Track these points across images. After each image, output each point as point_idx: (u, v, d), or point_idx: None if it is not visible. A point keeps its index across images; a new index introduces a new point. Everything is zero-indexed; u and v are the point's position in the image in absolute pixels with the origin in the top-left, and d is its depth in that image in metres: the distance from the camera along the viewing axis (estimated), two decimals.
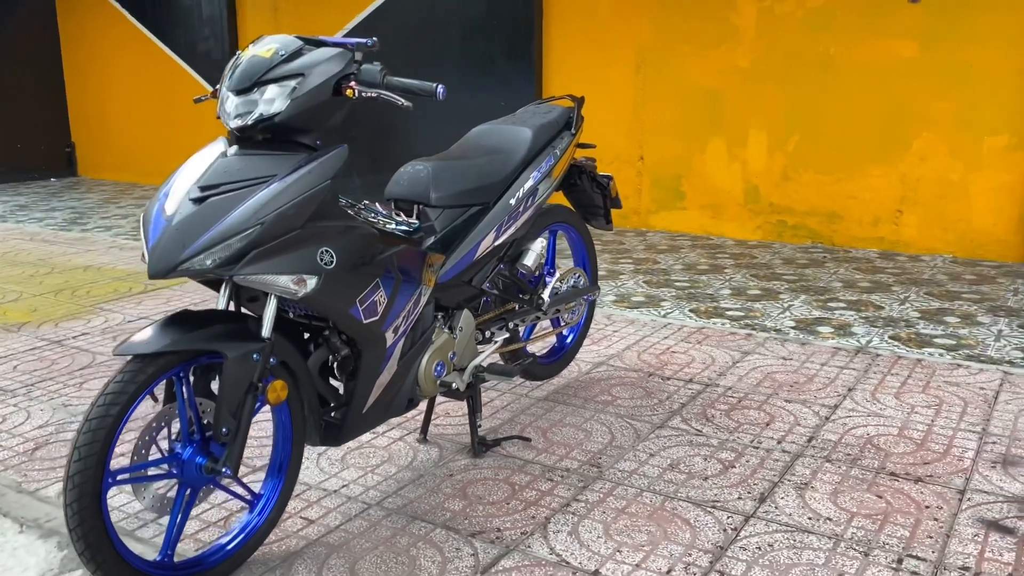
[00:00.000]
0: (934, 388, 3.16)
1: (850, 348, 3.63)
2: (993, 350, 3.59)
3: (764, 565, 2.05)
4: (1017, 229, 5.13)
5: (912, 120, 5.30)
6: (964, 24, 5.05)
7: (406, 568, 2.07)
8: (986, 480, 2.46)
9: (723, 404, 3.04)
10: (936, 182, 5.30)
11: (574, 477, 2.52)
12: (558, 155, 2.74)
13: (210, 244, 1.80)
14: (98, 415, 1.74)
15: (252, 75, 1.91)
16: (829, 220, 5.68)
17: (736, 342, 3.72)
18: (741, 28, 5.75)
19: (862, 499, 2.36)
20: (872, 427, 2.83)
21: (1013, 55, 4.96)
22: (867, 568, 2.03)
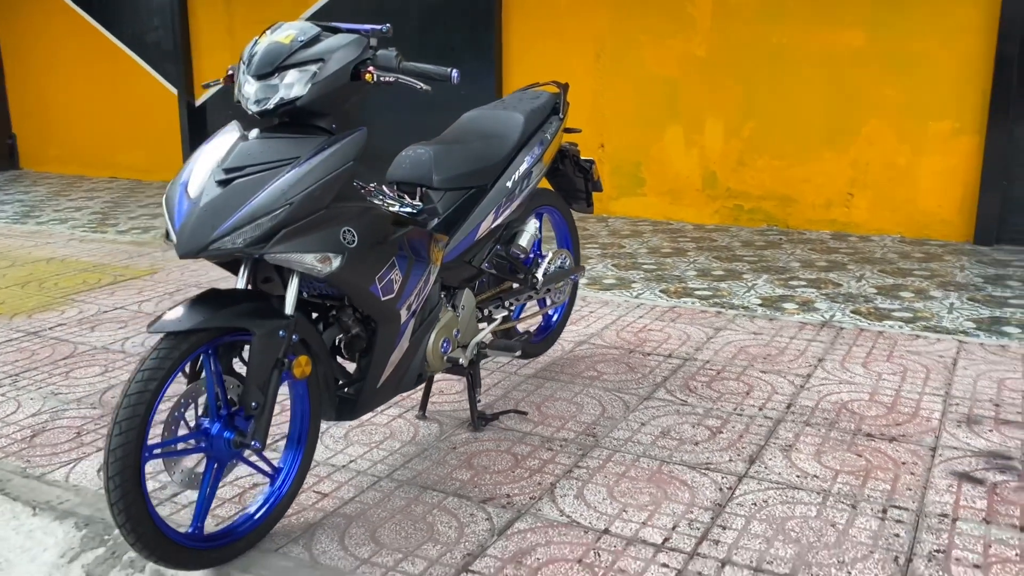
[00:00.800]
0: (897, 357, 3.36)
1: (815, 322, 3.82)
2: (948, 321, 3.81)
3: (761, 519, 2.20)
4: (960, 210, 5.41)
5: (861, 107, 5.54)
6: (909, 15, 5.30)
7: (425, 534, 2.17)
8: (954, 438, 2.65)
9: (703, 376, 3.19)
10: (885, 166, 5.55)
11: (573, 446, 2.63)
12: (548, 140, 2.85)
13: (240, 224, 1.86)
14: (136, 390, 1.79)
15: (273, 61, 1.97)
16: (783, 204, 5.90)
17: (708, 319, 3.89)
18: (697, 19, 5.92)
19: (843, 458, 2.53)
20: (845, 393, 3.01)
21: (955, 44, 5.22)
22: (856, 518, 2.19)
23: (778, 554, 2.04)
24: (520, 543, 2.11)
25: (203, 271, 4.90)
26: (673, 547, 2.08)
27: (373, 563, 2.05)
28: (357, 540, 2.15)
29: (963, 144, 5.32)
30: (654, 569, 1.99)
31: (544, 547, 2.09)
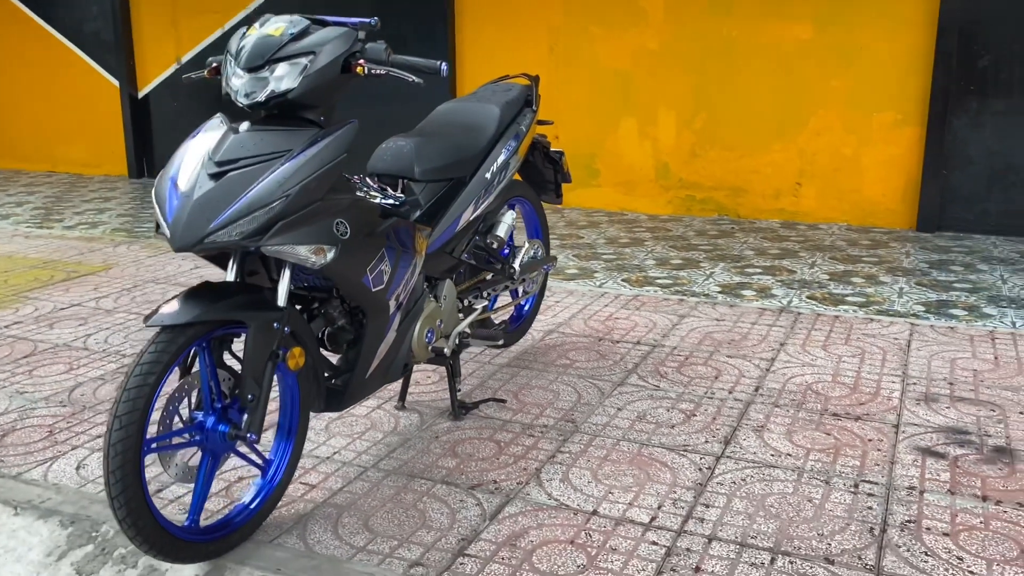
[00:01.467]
0: (855, 340, 3.50)
1: (774, 308, 3.95)
2: (899, 305, 3.98)
3: (742, 497, 2.29)
4: (903, 198, 5.62)
5: (808, 99, 5.71)
6: (854, 9, 5.48)
7: (417, 521, 2.20)
8: (914, 415, 2.78)
9: (672, 362, 3.28)
10: (831, 156, 5.73)
11: (553, 432, 2.69)
12: (524, 132, 2.89)
13: (236, 217, 1.86)
14: (136, 384, 1.78)
15: (264, 53, 1.97)
16: (734, 194, 6.05)
17: (671, 307, 3.98)
18: (650, 12, 6.02)
19: (813, 437, 2.64)
20: (808, 376, 3.13)
21: (897, 38, 5.42)
22: (831, 493, 2.30)
23: (760, 529, 2.13)
24: (512, 527, 2.16)
25: (159, 266, 4.82)
26: (660, 526, 2.15)
27: (369, 551, 2.07)
28: (351, 529, 2.17)
29: (905, 135, 5.53)
30: (644, 547, 2.06)
31: (536, 530, 2.14)
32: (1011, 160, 5.32)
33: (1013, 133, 5.28)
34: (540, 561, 2.01)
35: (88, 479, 2.43)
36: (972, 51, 5.26)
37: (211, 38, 7.67)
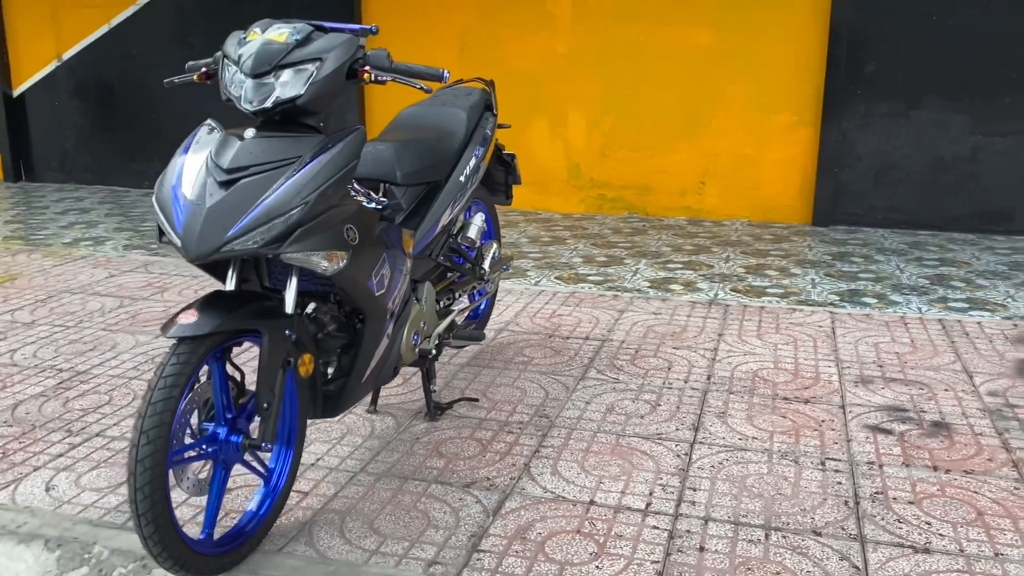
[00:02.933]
0: (784, 329, 3.74)
1: (703, 301, 4.16)
2: (815, 295, 4.27)
3: (724, 479, 2.43)
4: (799, 195, 6.00)
5: (711, 101, 6.00)
6: (752, 17, 5.80)
7: (422, 521, 2.23)
8: (856, 396, 3.02)
9: (624, 355, 3.41)
10: (732, 156, 6.05)
11: (531, 428, 2.77)
12: (490, 135, 2.95)
13: (255, 224, 1.84)
14: (161, 398, 1.74)
15: (270, 60, 1.95)
16: (643, 192, 6.29)
17: (608, 303, 4.13)
18: (558, 16, 6.17)
19: (772, 420, 2.82)
20: (752, 363, 3.33)
21: (792, 45, 5.78)
22: (802, 472, 2.48)
23: (749, 508, 2.28)
24: (517, 521, 2.22)
25: (69, 276, 4.58)
26: (657, 511, 2.27)
27: (383, 553, 2.09)
28: (358, 533, 2.17)
29: (801, 136, 5.90)
30: (648, 532, 2.17)
31: (541, 522, 2.21)
32: (895, 158, 5.77)
33: (896, 133, 5.73)
34: (553, 551, 2.09)
35: (62, 500, 2.33)
36: (860, 58, 5.68)
37: (96, 35, 7.30)
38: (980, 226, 5.72)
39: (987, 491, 2.36)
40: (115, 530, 2.18)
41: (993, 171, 5.64)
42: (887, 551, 2.07)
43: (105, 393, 3.04)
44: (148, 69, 7.22)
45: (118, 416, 2.85)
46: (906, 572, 1.99)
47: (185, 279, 4.52)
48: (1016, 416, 2.84)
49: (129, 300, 4.14)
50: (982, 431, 2.72)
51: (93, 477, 2.45)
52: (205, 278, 4.53)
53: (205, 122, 2.07)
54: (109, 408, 2.92)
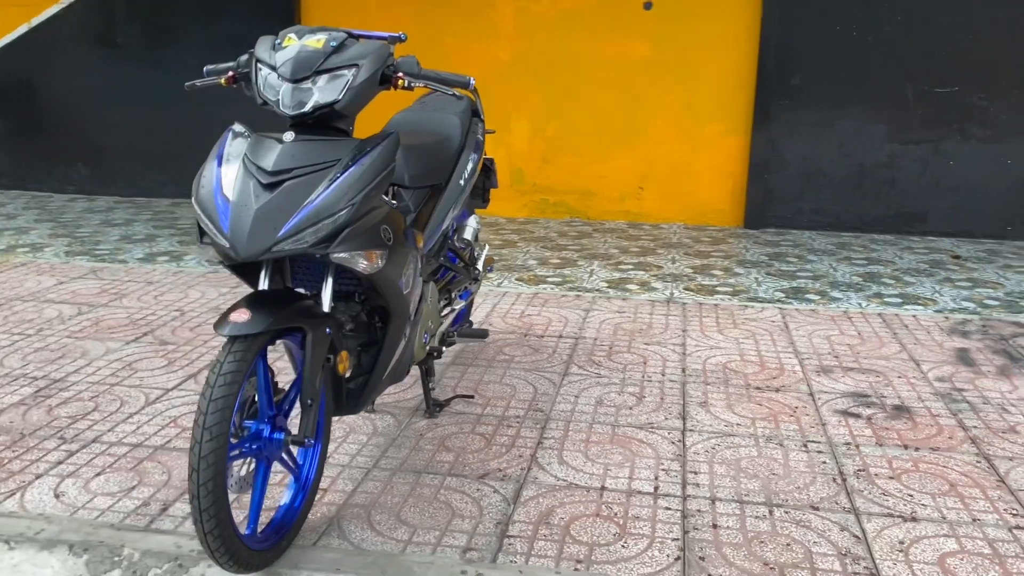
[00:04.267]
0: (741, 324, 3.97)
1: (661, 300, 4.35)
2: (762, 293, 4.53)
3: (720, 462, 2.60)
4: (731, 199, 6.31)
5: (648, 110, 6.24)
6: (687, 30, 6.07)
7: (447, 512, 2.31)
8: (821, 384, 3.25)
9: (600, 352, 3.56)
10: (669, 162, 6.31)
11: (529, 421, 2.87)
12: (482, 141, 3.04)
13: (305, 225, 1.89)
14: (221, 395, 1.77)
15: (310, 65, 2.01)
16: (584, 197, 6.48)
17: (572, 302, 4.27)
18: (500, 24, 6.31)
19: (750, 408, 3.02)
20: (720, 356, 3.53)
21: (724, 57, 6.08)
22: (788, 453, 2.67)
23: (749, 487, 2.45)
24: (538, 507, 2.33)
25: (16, 282, 4.42)
26: (666, 493, 2.41)
27: (416, 543, 2.16)
28: (388, 525, 2.24)
29: (732, 143, 6.20)
30: (662, 513, 2.31)
31: (560, 508, 2.33)
32: (819, 165, 6.14)
33: (820, 141, 6.10)
34: (579, 534, 2.20)
35: (75, 505, 2.30)
36: (787, 70, 6.01)
37: (15, 33, 7.02)
38: (898, 227, 6.14)
39: (954, 465, 2.60)
40: (141, 532, 2.18)
41: (909, 177, 6.07)
42: (880, 521, 2.27)
43: (89, 400, 2.99)
44: (71, 70, 6.99)
45: (110, 423, 2.82)
46: (900, 539, 2.19)
47: (140, 285, 4.44)
48: (965, 399, 3.11)
49: (87, 307, 4.05)
50: (939, 413, 2.98)
51: (102, 482, 2.43)
52: (164, 284, 4.46)
53: (232, 127, 2.10)
54: (98, 415, 2.87)
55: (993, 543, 2.17)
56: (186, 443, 2.67)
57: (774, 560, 2.09)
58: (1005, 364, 3.47)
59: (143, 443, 2.68)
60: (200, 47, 6.72)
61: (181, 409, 2.93)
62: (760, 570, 2.05)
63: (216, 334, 1.85)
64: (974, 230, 6.05)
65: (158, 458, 2.58)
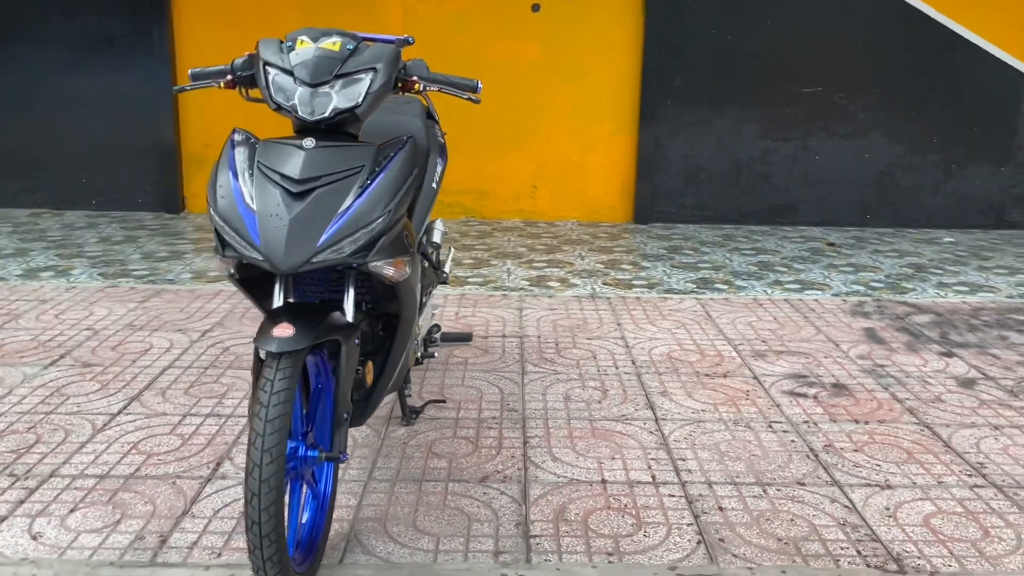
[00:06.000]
0: (667, 315, 4.14)
1: (586, 295, 4.47)
2: (675, 284, 4.74)
3: (702, 447, 2.72)
4: (620, 196, 6.54)
5: (539, 111, 6.36)
6: (575, 33, 6.24)
7: (463, 517, 2.29)
8: (761, 368, 3.45)
9: (549, 349, 3.62)
10: (560, 162, 6.46)
11: (507, 422, 2.89)
12: (444, 144, 3.02)
13: (343, 235, 1.83)
14: (277, 414, 1.69)
15: (330, 69, 1.95)
16: (479, 197, 6.51)
17: (502, 302, 4.31)
18: (388, 24, 6.23)
19: (707, 395, 3.17)
20: (661, 347, 3.67)
21: (610, 59, 6.29)
22: (758, 435, 2.83)
23: (737, 470, 2.58)
24: (550, 505, 2.36)
25: None
26: (664, 481, 2.51)
27: (444, 551, 2.14)
28: (409, 536, 2.20)
29: (620, 142, 6.43)
30: (668, 500, 2.40)
31: (572, 504, 2.37)
32: (700, 162, 6.47)
33: (701, 139, 6.43)
34: (599, 527, 2.25)
35: (59, 545, 2.12)
36: (669, 72, 6.30)
37: None
38: (772, 219, 6.58)
39: (904, 435, 2.85)
40: (148, 568, 2.04)
41: (780, 171, 6.51)
42: (862, 491, 2.46)
43: (28, 432, 2.74)
44: None
45: (62, 454, 2.60)
46: (885, 505, 2.39)
47: (32, 303, 4.08)
48: (888, 374, 3.41)
49: None
50: (873, 388, 3.25)
51: (80, 519, 2.24)
52: (60, 301, 4.12)
53: (234, 133, 2.01)
54: (44, 447, 2.64)
55: (963, 502, 2.41)
56: (158, 470, 2.51)
57: (786, 535, 2.23)
58: (910, 340, 3.82)
59: (109, 474, 2.49)
60: (55, 44, 6.24)
61: (137, 435, 2.74)
62: (777, 546, 2.18)
63: (263, 350, 1.75)
64: (839, 219, 6.58)
65: (133, 488, 2.41)
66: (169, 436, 2.74)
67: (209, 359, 3.43)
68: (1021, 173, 6.54)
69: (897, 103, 6.40)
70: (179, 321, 3.89)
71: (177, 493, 2.38)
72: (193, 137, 6.48)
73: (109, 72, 6.30)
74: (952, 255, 5.64)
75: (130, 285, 4.49)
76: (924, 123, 6.44)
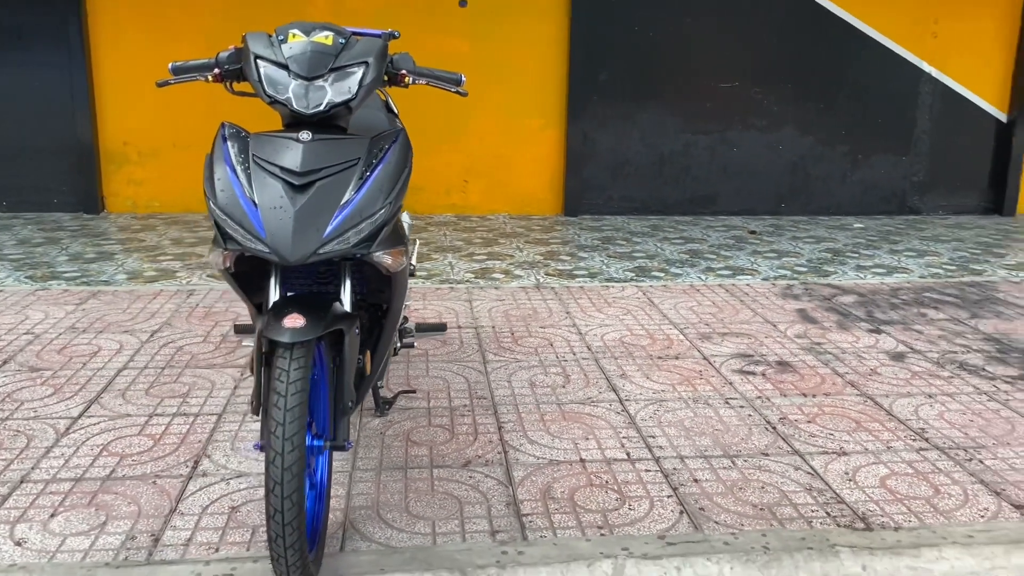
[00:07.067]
0: (612, 303, 4.28)
1: (531, 286, 4.56)
2: (614, 273, 4.88)
3: (667, 424, 2.85)
4: (550, 189, 6.66)
5: (469, 106, 6.41)
6: (502, 28, 6.32)
7: (453, 500, 2.35)
8: (709, 349, 3.61)
9: (505, 339, 3.70)
10: (491, 156, 6.53)
11: (479, 409, 2.95)
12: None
13: (347, 226, 1.86)
14: (296, 403, 1.71)
15: (325, 63, 1.97)
16: (411, 192, 6.47)
17: (450, 294, 4.36)
18: (314, 17, 6.17)
19: (663, 376, 3.30)
20: (613, 333, 3.80)
21: (538, 54, 6.40)
22: (719, 411, 2.97)
23: (705, 444, 2.72)
24: (536, 485, 2.43)
25: None
26: (639, 458, 2.62)
27: (442, 533, 2.19)
28: (404, 522, 2.24)
29: (549, 137, 6.55)
30: (646, 475, 2.51)
31: (556, 483, 2.45)
32: (626, 155, 6.66)
33: (626, 133, 6.62)
34: (586, 503, 2.34)
35: (46, 550, 2.07)
36: (594, 67, 6.46)
37: None
38: (694, 209, 6.82)
39: (849, 407, 3.05)
40: (147, 567, 2.02)
41: (700, 163, 6.76)
42: (821, 459, 2.64)
43: None
44: None
45: (28, 460, 2.52)
46: (844, 471, 2.56)
47: None
48: (826, 351, 3.63)
49: None
50: (814, 364, 3.46)
51: (63, 523, 2.20)
52: None
53: (224, 126, 2.01)
54: (7, 453, 2.56)
55: (911, 464, 2.61)
56: (135, 470, 2.48)
57: (760, 502, 2.37)
58: (840, 319, 4.06)
59: (84, 476, 2.44)
60: None
61: (104, 437, 2.68)
62: (753, 512, 2.32)
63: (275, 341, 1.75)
64: (756, 208, 6.88)
65: (113, 490, 2.37)
66: (139, 437, 2.69)
67: (164, 359, 3.36)
68: (920, 162, 6.98)
69: (808, 97, 6.73)
70: (124, 322, 3.80)
71: (160, 492, 2.36)
72: (111, 134, 6.27)
73: (18, 67, 6.04)
74: (864, 240, 5.99)
75: (63, 288, 4.34)
76: (833, 116, 6.80)
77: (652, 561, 2.08)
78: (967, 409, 3.02)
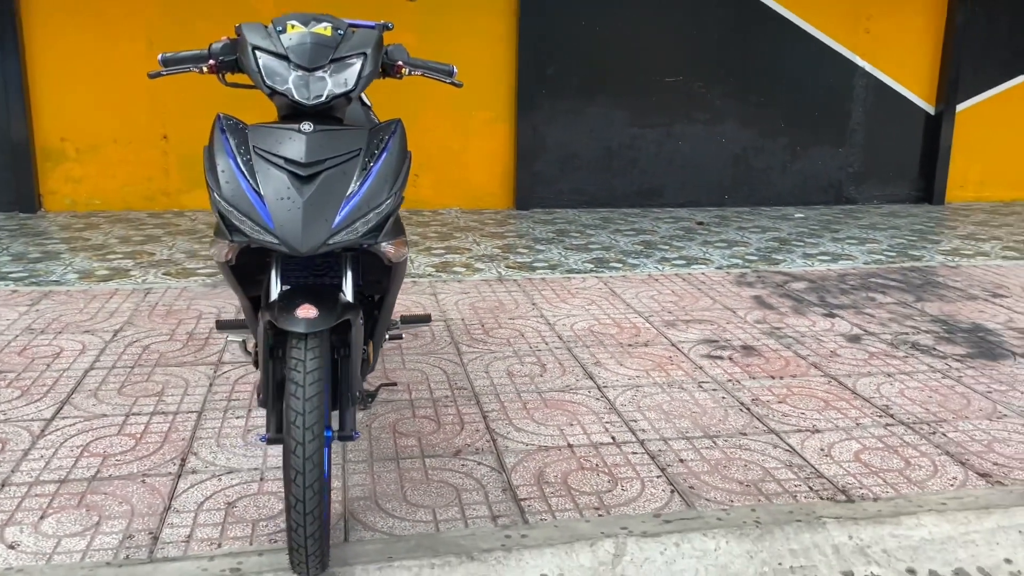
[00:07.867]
0: (575, 293, 4.34)
1: (493, 278, 4.60)
2: (574, 264, 4.95)
3: (647, 408, 2.93)
4: (501, 183, 6.70)
5: (419, 100, 6.40)
6: (452, 22, 6.32)
7: (450, 489, 2.37)
8: (676, 336, 3.71)
9: (477, 330, 3.73)
10: (442, 150, 6.54)
11: (460, 399, 2.98)
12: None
13: (355, 216, 1.87)
14: (314, 392, 1.72)
15: (326, 53, 1.97)
16: None
17: (414, 288, 4.36)
18: (259, 9, 6.07)
19: (636, 362, 3.38)
20: (581, 323, 3.87)
21: (487, 48, 6.43)
22: (693, 394, 3.07)
23: (684, 426, 2.80)
24: (529, 470, 2.48)
25: None
26: (624, 441, 2.69)
27: (443, 520, 2.22)
28: (405, 511, 2.26)
29: (499, 131, 6.59)
30: (633, 458, 2.58)
31: (548, 468, 2.50)
32: (575, 149, 6.74)
33: (574, 127, 6.70)
34: (580, 486, 2.40)
35: (42, 552, 2.03)
36: (543, 62, 6.52)
37: None
38: (641, 202, 6.95)
39: (816, 387, 3.17)
40: (151, 565, 2.00)
41: (647, 157, 6.89)
42: (797, 436, 2.75)
43: None
44: None
45: (8, 463, 2.45)
46: (820, 447, 2.68)
47: None
48: (786, 335, 3.76)
49: None
50: (777, 348, 3.58)
51: (55, 524, 2.15)
52: None
53: (221, 118, 2.00)
54: None
55: (881, 439, 2.74)
56: (121, 470, 2.43)
57: (745, 479, 2.46)
58: (795, 304, 4.21)
59: (68, 478, 2.38)
60: None
61: (83, 438, 2.62)
62: (740, 488, 2.41)
63: (289, 331, 1.75)
64: (701, 200, 7.05)
65: (101, 490, 2.32)
66: (119, 437, 2.64)
67: (131, 358, 3.29)
68: (855, 153, 7.26)
69: (748, 91, 6.93)
70: (83, 323, 3.70)
71: (151, 491, 2.32)
72: (48, 131, 6.06)
73: None
74: (807, 229, 6.20)
75: (11, 288, 4.20)
76: (772, 109, 7.00)
77: (652, 539, 2.14)
78: (924, 386, 3.17)
